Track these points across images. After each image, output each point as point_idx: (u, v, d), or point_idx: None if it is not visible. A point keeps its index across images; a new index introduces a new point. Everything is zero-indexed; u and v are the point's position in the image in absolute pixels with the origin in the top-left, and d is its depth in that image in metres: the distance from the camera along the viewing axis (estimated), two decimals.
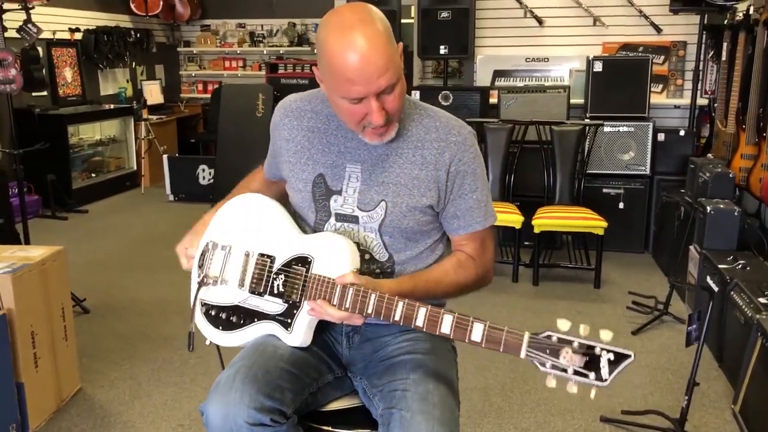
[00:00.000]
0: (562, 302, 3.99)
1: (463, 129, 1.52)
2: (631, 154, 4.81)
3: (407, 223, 1.50)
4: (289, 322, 1.46)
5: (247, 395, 1.33)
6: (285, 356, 1.45)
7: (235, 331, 1.53)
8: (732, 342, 3.00)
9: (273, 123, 1.64)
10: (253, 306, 1.51)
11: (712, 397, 2.87)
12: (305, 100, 1.60)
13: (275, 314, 1.47)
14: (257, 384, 1.35)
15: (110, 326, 3.60)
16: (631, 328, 3.57)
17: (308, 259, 1.44)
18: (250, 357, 1.43)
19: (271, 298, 1.48)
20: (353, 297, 1.35)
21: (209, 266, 1.58)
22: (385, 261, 1.52)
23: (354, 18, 1.32)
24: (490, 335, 1.22)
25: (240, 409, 1.31)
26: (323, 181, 1.52)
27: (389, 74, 1.33)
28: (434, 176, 1.49)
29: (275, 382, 1.37)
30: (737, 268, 3.20)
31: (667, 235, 4.47)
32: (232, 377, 1.37)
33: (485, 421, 2.70)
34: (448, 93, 5.06)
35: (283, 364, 1.42)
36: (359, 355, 1.58)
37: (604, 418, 2.70)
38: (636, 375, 3.08)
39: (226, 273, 1.56)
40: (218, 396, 1.35)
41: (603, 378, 1.12)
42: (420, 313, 1.29)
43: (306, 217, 1.58)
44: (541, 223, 4.21)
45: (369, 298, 1.34)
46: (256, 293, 1.50)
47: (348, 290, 1.36)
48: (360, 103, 1.36)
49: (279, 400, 1.35)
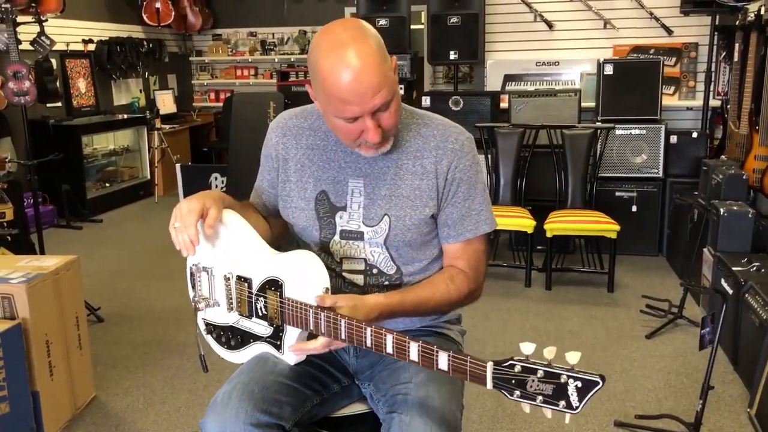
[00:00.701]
0: (575, 306, 3.97)
1: (461, 135, 1.51)
2: (643, 156, 4.79)
3: (411, 236, 1.49)
4: (279, 344, 1.45)
5: (243, 411, 1.33)
6: (284, 371, 1.44)
7: (238, 351, 1.53)
8: (747, 345, 2.97)
9: (269, 143, 1.59)
10: (246, 327, 1.50)
11: (728, 401, 2.84)
12: (301, 117, 1.57)
13: (266, 336, 1.47)
14: (253, 400, 1.35)
15: (124, 335, 3.62)
16: (645, 332, 3.54)
17: (279, 283, 1.41)
18: (248, 372, 1.43)
19: (258, 320, 1.47)
20: (326, 322, 1.33)
21: (200, 288, 1.57)
22: (393, 273, 1.52)
23: (346, 36, 1.29)
24: (455, 365, 1.18)
25: (236, 426, 1.31)
26: (326, 198, 1.51)
27: (384, 92, 1.31)
28: (434, 185, 1.48)
29: (273, 397, 1.37)
30: (751, 270, 3.17)
31: (680, 238, 4.44)
32: (228, 394, 1.37)
33: (498, 426, 2.69)
34: (459, 98, 5.06)
35: (282, 379, 1.42)
36: (366, 362, 1.57)
37: (618, 423, 2.69)
38: (650, 379, 3.06)
39: (216, 295, 1.54)
40: (215, 413, 1.36)
41: (573, 406, 1.07)
42: (388, 340, 1.25)
43: (309, 236, 1.55)
44: (554, 228, 4.20)
45: (339, 324, 1.31)
46: (244, 316, 1.50)
47: (320, 315, 1.33)
48: (355, 122, 1.34)
49: (276, 415, 1.35)
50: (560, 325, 3.71)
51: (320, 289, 1.37)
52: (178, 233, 1.41)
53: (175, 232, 1.41)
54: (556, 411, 1.09)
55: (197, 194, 1.45)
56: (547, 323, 3.71)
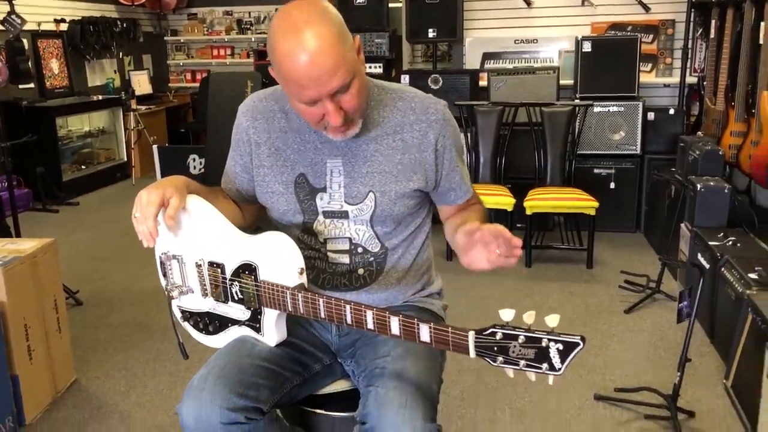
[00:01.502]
0: (555, 283, 4.01)
1: (439, 105, 1.51)
2: (621, 133, 4.82)
3: (398, 210, 1.49)
4: (258, 326, 1.44)
5: (219, 395, 1.32)
6: (262, 353, 1.43)
7: (217, 335, 1.52)
8: (723, 318, 3.02)
9: (240, 127, 1.56)
10: (222, 312, 1.49)
11: (705, 373, 2.89)
12: (271, 99, 1.55)
13: (244, 320, 1.46)
14: (230, 384, 1.34)
15: (104, 317, 3.60)
16: (624, 307, 3.59)
17: (253, 266, 1.40)
18: (225, 356, 1.42)
19: (235, 304, 1.46)
20: (303, 303, 1.33)
21: (171, 276, 1.55)
22: (378, 251, 1.52)
23: (301, 18, 1.26)
24: (437, 336, 1.19)
25: (212, 409, 1.31)
26: (305, 181, 1.49)
27: (341, 74, 1.28)
28: (419, 158, 1.48)
29: (250, 380, 1.36)
30: (728, 244, 3.22)
31: (658, 214, 4.49)
32: (204, 378, 1.36)
33: (480, 402, 2.72)
34: (438, 76, 5.04)
35: (260, 362, 1.41)
36: (348, 340, 1.57)
37: (597, 396, 2.73)
38: (629, 353, 3.11)
39: (189, 282, 1.53)
40: (191, 397, 1.35)
41: (556, 368, 1.09)
42: (368, 316, 1.25)
43: (292, 221, 1.54)
44: (533, 205, 4.22)
45: (318, 303, 1.31)
46: (219, 301, 1.49)
47: (298, 296, 1.33)
48: (315, 105, 1.32)
49: (253, 398, 1.34)
50: (540, 301, 3.74)
51: (295, 269, 1.36)
52: (138, 224, 1.39)
53: (136, 223, 1.39)
54: (540, 374, 1.10)
55: (159, 182, 1.42)
56: (526, 300, 3.75)
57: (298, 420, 1.49)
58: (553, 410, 2.66)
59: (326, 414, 1.47)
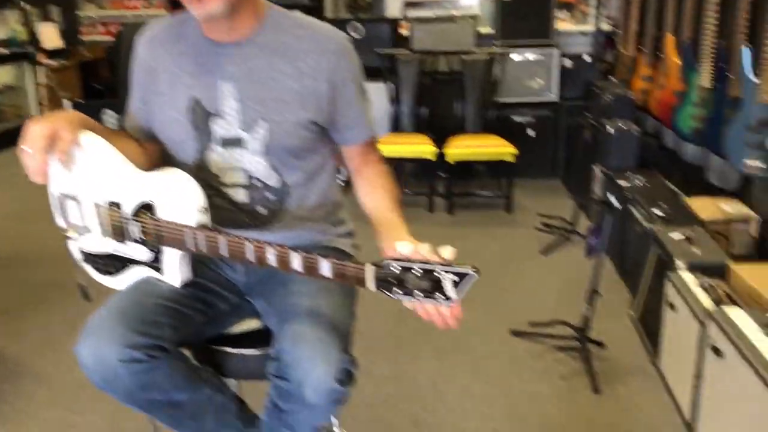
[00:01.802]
0: (476, 229, 4.10)
1: (339, 36, 1.49)
2: (539, 81, 4.90)
3: (293, 141, 1.47)
4: (160, 267, 1.43)
5: (117, 333, 1.30)
6: (165, 293, 1.42)
7: (119, 276, 1.49)
8: (632, 254, 3.16)
9: (137, 58, 1.53)
10: (123, 253, 1.46)
11: (614, 306, 3.04)
12: (167, 26, 1.52)
13: (145, 261, 1.44)
14: (129, 322, 1.32)
15: (17, 277, 3.48)
16: (540, 248, 3.71)
17: (151, 205, 1.38)
18: (126, 296, 1.41)
19: (135, 245, 1.43)
20: (206, 242, 1.32)
21: (69, 217, 1.50)
22: (278, 186, 1.51)
23: None
24: (337, 270, 1.21)
25: (111, 347, 1.28)
26: (199, 105, 1.45)
27: None
28: (313, 88, 1.45)
29: (151, 319, 1.35)
30: (636, 184, 3.35)
31: (575, 159, 4.62)
32: (102, 317, 1.34)
33: (403, 343, 2.78)
34: (358, 24, 4.99)
35: (162, 301, 1.39)
36: (256, 278, 1.57)
37: (514, 332, 2.83)
38: (545, 291, 3.23)
39: (87, 222, 1.48)
40: (88, 336, 1.32)
41: (450, 298, 1.13)
42: (269, 253, 1.26)
43: (185, 149, 1.50)
44: (454, 153, 4.28)
45: (219, 242, 1.30)
46: (119, 242, 1.45)
47: (198, 235, 1.32)
48: None
49: (155, 336, 1.33)
50: (462, 246, 3.77)
51: (196, 208, 1.34)
52: (26, 158, 1.33)
53: (24, 157, 1.33)
54: (435, 304, 1.14)
55: (51, 115, 1.36)
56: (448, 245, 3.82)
57: (209, 359, 1.49)
58: (472, 347, 2.76)
59: (237, 352, 1.48)
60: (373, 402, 2.41)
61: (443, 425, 2.31)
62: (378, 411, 2.38)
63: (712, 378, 2.05)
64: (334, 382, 1.27)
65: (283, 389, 1.33)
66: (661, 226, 2.79)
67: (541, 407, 2.39)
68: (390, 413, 2.37)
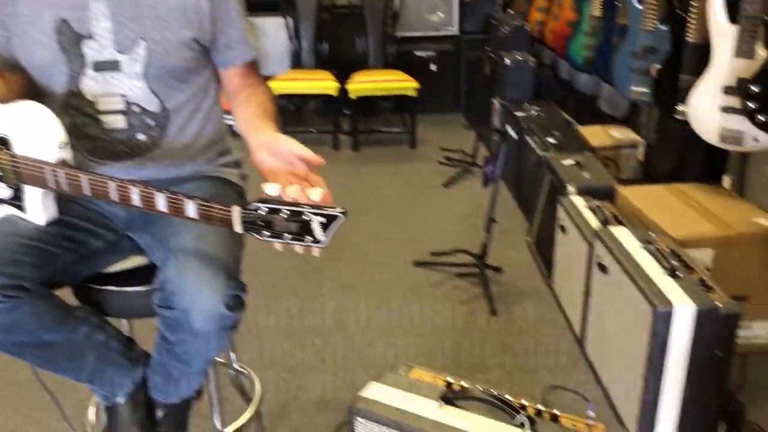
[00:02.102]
0: (381, 164, 4.11)
1: None
2: (439, 14, 4.88)
3: (174, 61, 1.40)
4: (20, 204, 1.35)
5: None
6: (29, 232, 1.34)
7: None
8: (528, 181, 3.25)
9: None
10: None
11: (511, 233, 3.13)
12: None
13: (6, 199, 1.36)
14: None
15: None
16: (443, 181, 3.77)
17: (6, 140, 1.29)
18: None
19: None
20: (67, 180, 1.25)
21: None
22: (158, 111, 1.44)
23: None
24: (203, 212, 1.18)
25: None
26: (68, 27, 1.36)
27: None
28: (193, 5, 1.39)
29: (10, 257, 1.27)
30: (532, 114, 3.42)
31: (475, 92, 4.67)
32: None
33: (307, 279, 2.79)
34: None
35: (24, 240, 1.32)
36: (138, 211, 1.51)
37: (416, 262, 2.88)
38: (446, 222, 3.29)
39: None
40: None
41: (318, 240, 1.13)
42: (133, 193, 1.22)
43: (54, 74, 1.40)
44: (356, 88, 4.24)
45: (81, 180, 1.24)
46: None
47: (59, 173, 1.26)
48: None
49: (13, 275, 1.25)
50: (367, 182, 3.84)
51: (54, 142, 1.27)
52: None
53: None
54: (304, 246, 1.12)
55: None
56: (354, 181, 3.82)
57: (90, 299, 1.43)
58: (376, 280, 2.79)
59: (119, 290, 1.42)
60: (277, 337, 2.42)
61: (349, 357, 2.34)
62: (284, 346, 2.39)
63: (599, 294, 2.16)
64: (222, 306, 1.25)
65: (170, 319, 1.29)
66: (554, 153, 2.87)
67: (442, 332, 2.46)
68: (295, 348, 2.38)
